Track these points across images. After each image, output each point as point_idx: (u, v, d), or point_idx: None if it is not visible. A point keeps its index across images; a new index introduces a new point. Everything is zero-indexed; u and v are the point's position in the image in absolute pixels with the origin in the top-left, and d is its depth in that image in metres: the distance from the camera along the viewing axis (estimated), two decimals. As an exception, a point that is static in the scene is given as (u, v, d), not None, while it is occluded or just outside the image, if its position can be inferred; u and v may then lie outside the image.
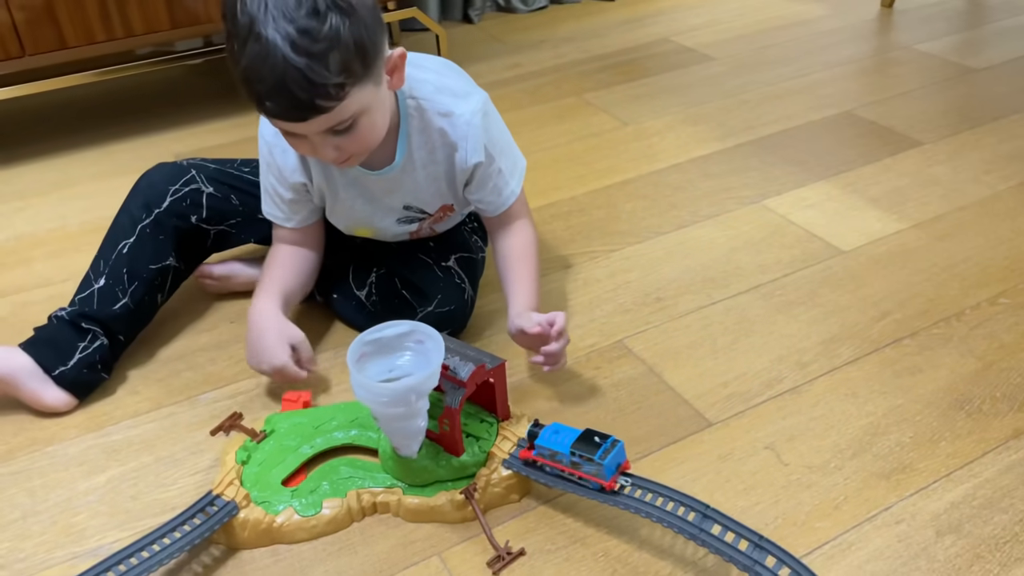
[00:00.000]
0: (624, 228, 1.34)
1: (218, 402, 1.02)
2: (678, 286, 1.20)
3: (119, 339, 1.06)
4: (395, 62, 0.88)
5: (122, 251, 1.06)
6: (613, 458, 0.82)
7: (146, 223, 1.07)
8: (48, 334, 1.02)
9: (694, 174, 1.48)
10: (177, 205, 1.08)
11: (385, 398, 0.79)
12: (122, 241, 1.07)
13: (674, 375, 1.04)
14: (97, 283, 1.05)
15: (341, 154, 0.89)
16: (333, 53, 0.79)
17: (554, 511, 0.87)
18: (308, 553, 0.84)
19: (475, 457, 0.87)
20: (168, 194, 1.08)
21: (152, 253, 1.07)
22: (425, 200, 1.03)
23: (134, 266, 1.06)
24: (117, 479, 0.92)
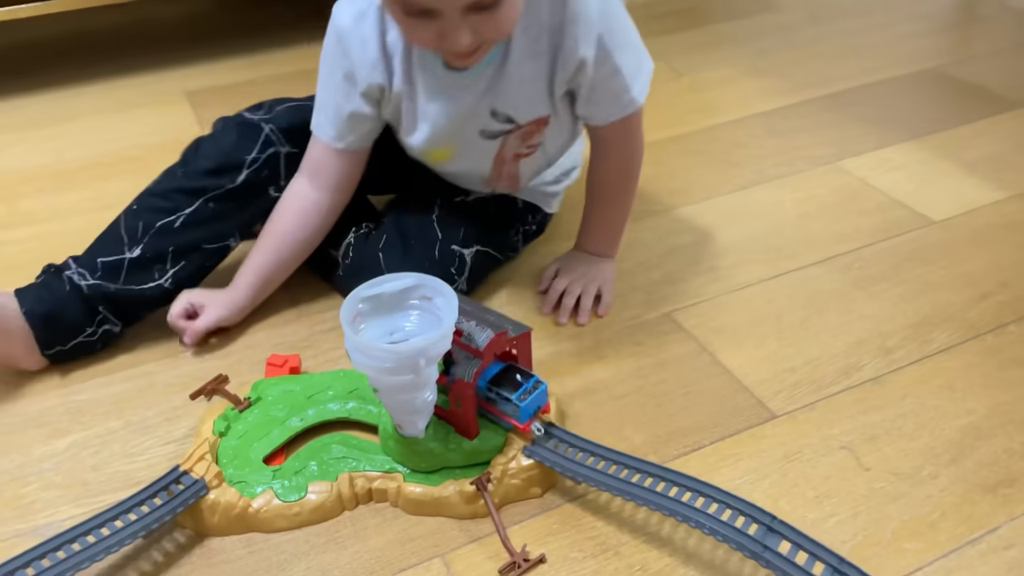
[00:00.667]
0: (676, 186, 1.17)
1: (204, 362, 0.89)
2: (737, 254, 1.04)
3: (136, 318, 0.91)
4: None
5: (174, 224, 0.89)
6: (533, 401, 0.73)
7: (214, 195, 0.90)
8: (54, 302, 0.86)
9: (758, 130, 1.31)
10: (255, 177, 0.91)
11: (387, 363, 0.64)
12: (178, 212, 0.90)
13: (731, 356, 0.88)
14: (131, 252, 0.89)
15: (474, 40, 0.73)
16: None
17: (583, 511, 0.72)
18: (288, 545, 0.70)
19: (490, 442, 0.73)
20: (245, 165, 0.91)
21: (214, 232, 0.91)
22: (517, 105, 0.85)
23: (186, 244, 0.90)
24: (79, 445, 0.80)
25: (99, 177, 1.23)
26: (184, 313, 0.90)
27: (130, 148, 1.31)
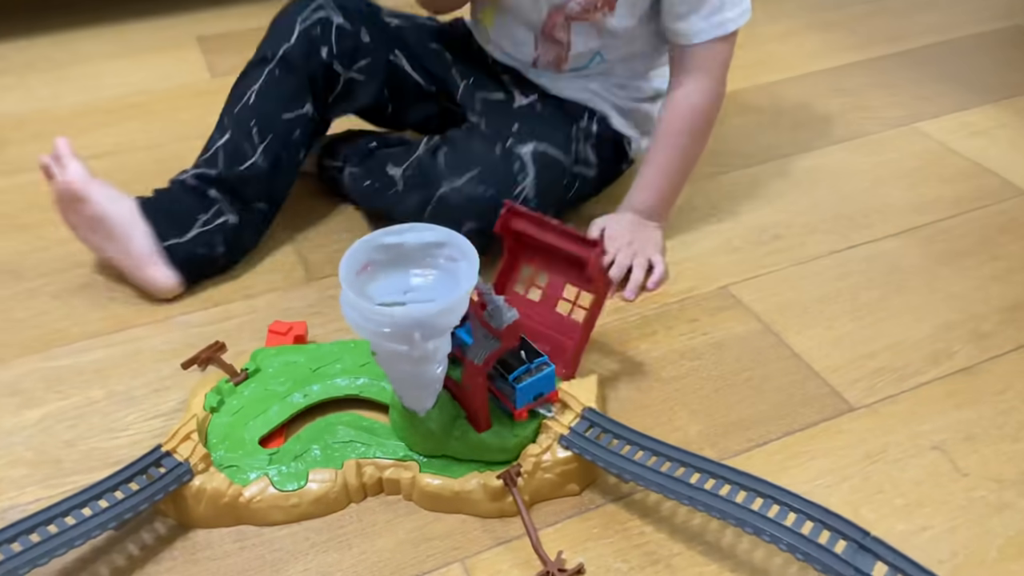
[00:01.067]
0: (732, 147, 1.05)
1: (199, 327, 0.79)
2: (804, 223, 0.92)
3: (256, 208, 0.86)
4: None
5: (248, 100, 0.86)
6: (532, 384, 0.62)
7: (274, 63, 0.86)
8: (164, 199, 0.84)
9: (822, 88, 1.18)
10: (305, 37, 0.86)
11: (385, 328, 0.54)
12: (248, 88, 0.86)
13: (799, 338, 0.77)
14: (220, 140, 0.85)
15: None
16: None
17: (628, 513, 0.62)
18: (285, 541, 0.60)
19: (503, 440, 0.62)
20: (297, 24, 0.87)
21: (284, 98, 0.86)
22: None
23: (264, 116, 0.85)
24: (54, 417, 0.70)
25: (98, 124, 1.13)
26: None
27: (134, 94, 1.20)
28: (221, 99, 0.88)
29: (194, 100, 1.18)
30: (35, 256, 0.89)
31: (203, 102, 1.17)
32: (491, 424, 0.62)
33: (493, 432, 0.62)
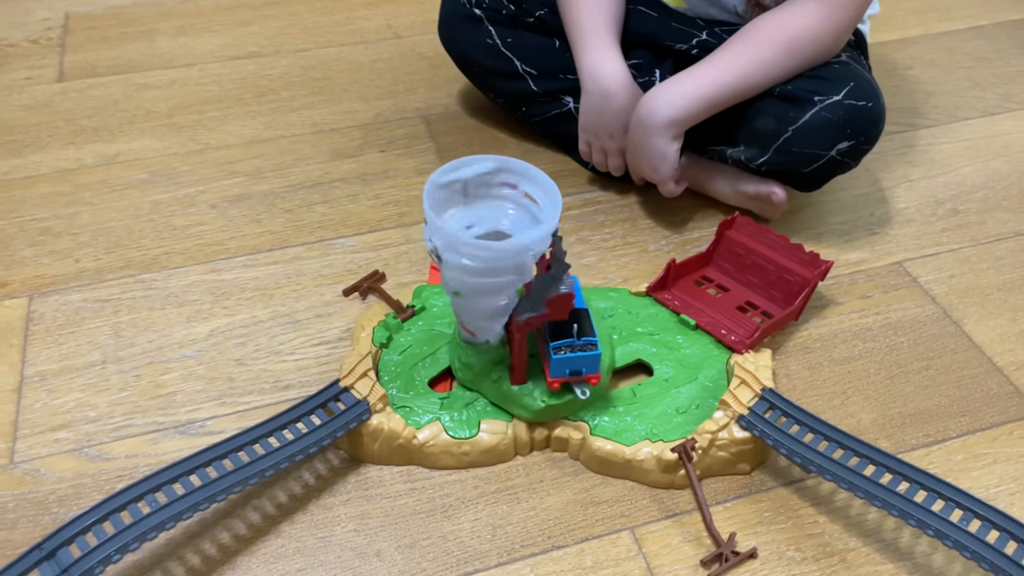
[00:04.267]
0: (904, 103, 0.98)
1: (357, 252, 0.79)
2: (984, 197, 0.86)
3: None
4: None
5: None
6: (570, 360, 0.59)
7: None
8: None
9: (1005, 43, 1.09)
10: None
11: (481, 263, 0.54)
12: None
13: (980, 328, 0.73)
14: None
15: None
16: None
17: (800, 500, 0.61)
18: (455, 487, 0.61)
19: (531, 400, 0.61)
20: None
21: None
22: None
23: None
24: (222, 333, 0.71)
25: (240, 21, 1.11)
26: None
27: (274, -11, 1.17)
28: (360, 2, 0.85)
29: (335, 2, 1.14)
30: (191, 159, 0.89)
31: (344, 5, 1.15)
32: (526, 381, 0.61)
33: (525, 389, 0.61)
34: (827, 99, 0.72)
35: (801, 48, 0.73)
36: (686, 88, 0.74)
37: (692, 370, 0.66)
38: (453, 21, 0.85)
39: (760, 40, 0.74)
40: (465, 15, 0.84)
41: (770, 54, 0.73)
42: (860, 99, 0.72)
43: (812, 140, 0.73)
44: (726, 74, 0.74)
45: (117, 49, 1.05)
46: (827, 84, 0.72)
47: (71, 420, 0.64)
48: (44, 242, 0.79)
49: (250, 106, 0.96)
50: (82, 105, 0.96)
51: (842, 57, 0.76)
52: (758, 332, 0.67)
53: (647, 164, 0.77)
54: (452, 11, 0.85)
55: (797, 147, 0.74)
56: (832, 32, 0.73)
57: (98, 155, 0.89)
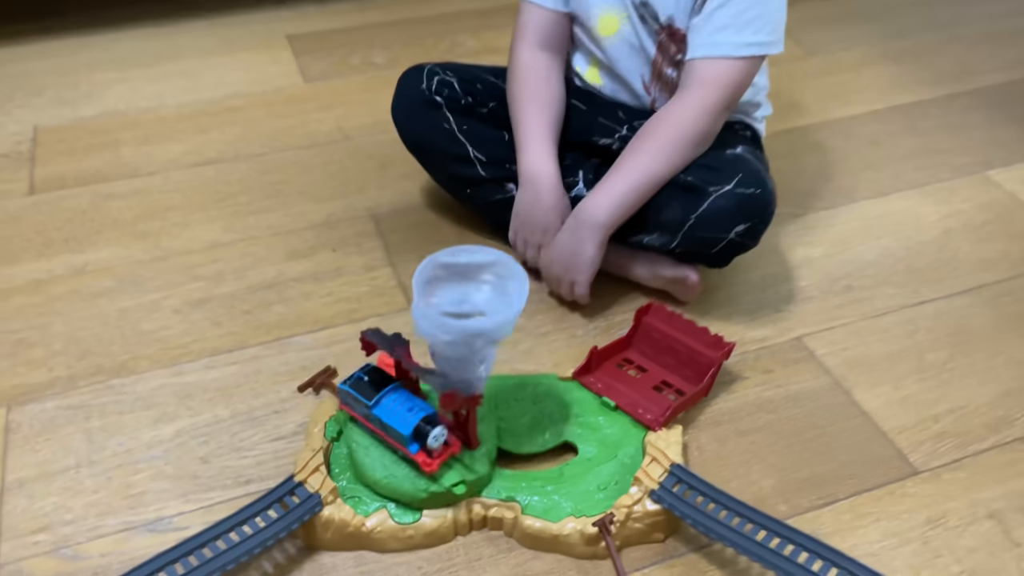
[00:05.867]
0: (807, 187, 1.09)
1: (311, 349, 0.86)
2: (875, 273, 0.96)
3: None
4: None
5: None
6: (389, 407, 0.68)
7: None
8: None
9: (897, 127, 1.21)
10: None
11: (448, 336, 0.62)
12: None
13: (869, 395, 0.82)
14: None
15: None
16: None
17: (708, 563, 0.69)
18: (400, 568, 0.68)
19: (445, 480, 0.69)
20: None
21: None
22: (669, 4, 0.85)
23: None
24: (186, 433, 0.78)
25: (201, 128, 1.19)
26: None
27: (231, 97, 1.26)
28: (314, 106, 0.94)
29: (289, 107, 1.24)
30: (155, 266, 0.96)
31: (298, 110, 1.24)
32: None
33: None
34: (721, 188, 0.82)
35: (691, 138, 0.84)
36: (611, 195, 0.84)
37: (612, 448, 0.74)
38: (412, 105, 0.93)
39: (657, 138, 0.84)
40: (425, 100, 0.92)
41: (668, 149, 0.84)
42: (749, 187, 0.82)
43: (713, 225, 0.82)
44: (638, 176, 0.84)
45: (84, 160, 1.13)
46: (720, 175, 0.83)
47: (49, 523, 0.70)
48: (19, 352, 0.85)
49: (210, 211, 1.04)
50: (52, 217, 1.03)
51: (737, 150, 0.86)
52: (670, 410, 0.76)
53: (572, 267, 0.86)
54: (411, 95, 0.93)
55: (701, 232, 0.83)
56: (712, 119, 0.84)
57: (68, 265, 0.96)
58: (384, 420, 0.68)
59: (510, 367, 0.83)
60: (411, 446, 0.67)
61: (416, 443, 0.67)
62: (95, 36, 1.40)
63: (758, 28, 0.82)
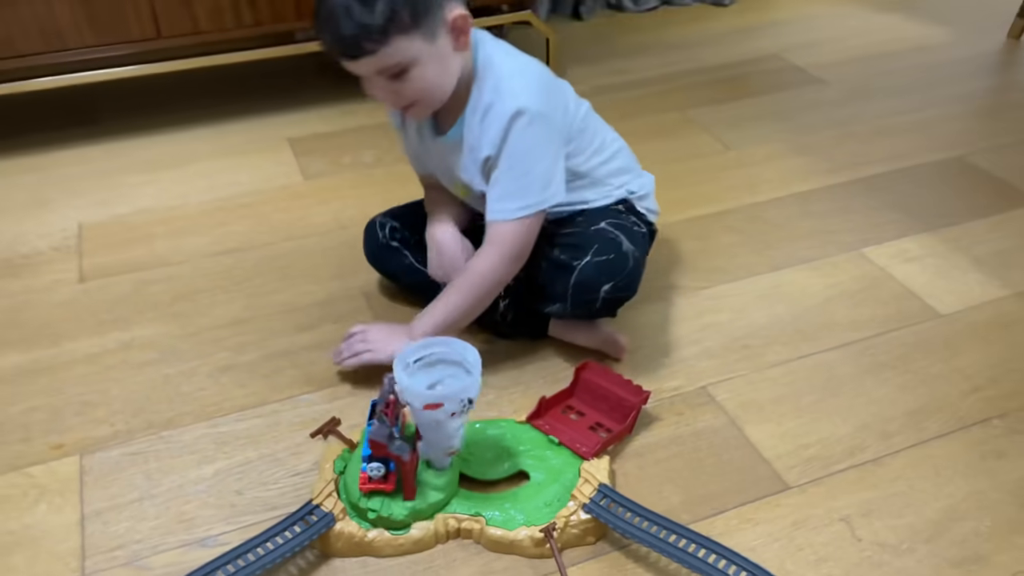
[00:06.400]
0: (718, 264, 1.35)
1: (317, 405, 1.09)
2: (767, 334, 1.21)
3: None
4: (458, 24, 0.95)
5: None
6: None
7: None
8: None
9: (795, 211, 1.48)
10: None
11: (419, 404, 0.86)
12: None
13: (756, 430, 1.06)
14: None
15: (399, 99, 0.98)
16: (379, 2, 0.89)
17: (626, 559, 0.91)
18: (394, 569, 0.90)
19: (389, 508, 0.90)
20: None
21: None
22: (474, 180, 1.06)
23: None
24: (224, 472, 1.00)
25: (220, 222, 1.43)
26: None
27: (244, 194, 1.50)
28: (314, 201, 1.18)
29: (292, 202, 1.48)
30: (189, 340, 1.19)
31: (300, 204, 1.48)
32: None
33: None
34: (582, 261, 1.06)
35: (488, 285, 1.05)
36: (432, 322, 1.05)
37: (556, 474, 0.97)
38: (377, 252, 1.22)
39: (467, 283, 1.05)
40: (385, 246, 1.20)
41: (474, 293, 1.05)
42: (605, 254, 1.05)
43: (585, 290, 1.06)
44: (452, 311, 1.06)
45: (124, 252, 1.36)
46: (580, 250, 1.06)
47: (122, 543, 0.91)
48: (86, 412, 1.07)
49: (232, 292, 1.27)
50: (101, 300, 1.26)
51: (600, 225, 1.08)
52: (600, 445, 0.99)
53: (377, 346, 1.08)
54: (374, 245, 1.21)
55: (579, 297, 1.07)
56: (505, 267, 1.04)
57: (118, 341, 1.18)
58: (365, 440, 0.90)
59: (477, 415, 1.06)
60: (363, 465, 0.90)
61: (364, 464, 0.90)
62: (125, 142, 1.65)
63: (526, 193, 1.01)
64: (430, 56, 0.95)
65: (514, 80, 1.01)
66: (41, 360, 1.15)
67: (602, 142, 1.14)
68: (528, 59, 1.05)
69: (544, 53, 1.90)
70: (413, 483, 0.91)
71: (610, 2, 2.29)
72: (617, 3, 2.28)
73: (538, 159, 1.02)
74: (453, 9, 0.95)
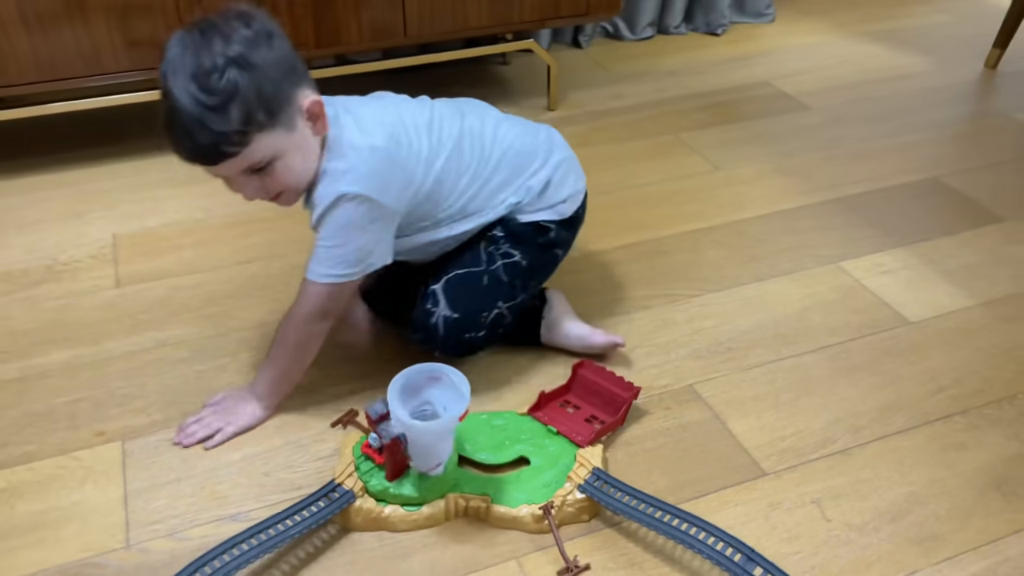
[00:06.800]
0: (706, 275, 1.45)
1: (339, 398, 1.19)
2: (750, 339, 1.31)
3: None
4: (314, 111, 0.98)
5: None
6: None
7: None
8: None
9: (778, 227, 1.58)
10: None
11: (413, 432, 0.96)
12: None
13: (737, 424, 1.16)
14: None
15: (266, 192, 1.02)
16: (233, 104, 0.91)
17: (618, 535, 1.01)
18: (408, 542, 0.99)
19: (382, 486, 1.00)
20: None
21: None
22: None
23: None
24: (252, 457, 1.10)
25: (242, 234, 1.54)
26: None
27: (263, 208, 1.59)
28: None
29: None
30: (218, 340, 1.29)
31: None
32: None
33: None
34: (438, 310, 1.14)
35: (301, 335, 1.10)
36: (266, 379, 1.12)
37: (554, 460, 1.07)
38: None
39: (282, 337, 1.11)
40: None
41: (286, 348, 1.11)
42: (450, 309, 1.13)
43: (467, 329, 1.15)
44: (277, 366, 1.12)
45: (156, 260, 1.47)
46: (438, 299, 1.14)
47: (162, 517, 1.01)
48: (126, 403, 1.17)
49: (256, 298, 1.38)
50: (137, 304, 1.36)
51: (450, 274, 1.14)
52: (594, 434, 1.09)
53: (231, 417, 1.12)
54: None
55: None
56: (306, 325, 1.09)
57: (154, 340, 1.29)
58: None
59: (482, 408, 1.16)
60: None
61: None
62: (152, 159, 1.76)
63: (337, 264, 1.05)
64: (292, 146, 0.97)
65: (349, 159, 1.02)
66: (84, 357, 1.25)
67: (473, 175, 1.13)
68: (378, 132, 1.04)
69: (545, 80, 2.02)
70: (395, 466, 1.00)
71: (608, 30, 2.42)
72: (614, 32, 2.41)
73: (355, 237, 1.04)
74: (306, 96, 0.98)
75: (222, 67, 0.91)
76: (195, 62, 0.91)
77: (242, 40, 0.93)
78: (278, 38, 0.96)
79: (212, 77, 0.91)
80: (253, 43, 0.93)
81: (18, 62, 1.53)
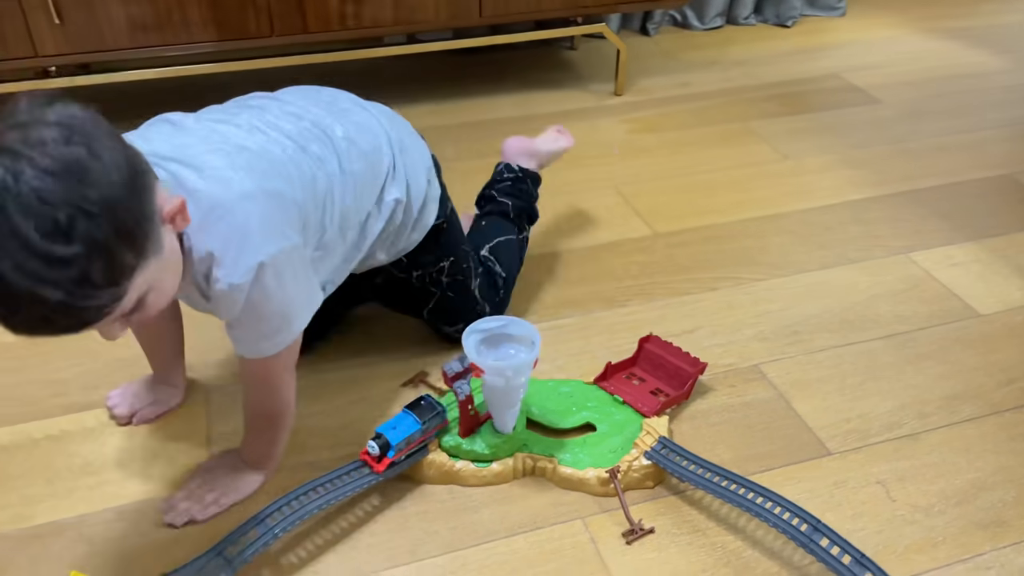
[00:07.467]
0: (772, 260, 1.46)
1: (407, 360, 1.23)
2: (816, 323, 1.32)
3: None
4: (175, 212, 0.77)
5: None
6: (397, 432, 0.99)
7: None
8: None
9: (846, 217, 1.58)
10: None
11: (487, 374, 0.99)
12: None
13: (802, 404, 1.17)
14: None
15: (139, 325, 0.98)
16: (95, 265, 0.66)
17: (681, 502, 1.03)
18: (477, 496, 1.03)
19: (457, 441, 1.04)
20: None
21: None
22: (198, 305, 0.94)
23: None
24: (332, 409, 1.14)
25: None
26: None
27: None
28: None
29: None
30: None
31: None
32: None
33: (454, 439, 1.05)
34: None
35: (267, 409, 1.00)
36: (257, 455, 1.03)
37: (620, 427, 1.09)
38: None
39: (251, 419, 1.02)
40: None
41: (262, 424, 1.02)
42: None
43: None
44: (262, 442, 1.03)
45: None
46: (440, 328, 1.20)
47: (244, 460, 1.06)
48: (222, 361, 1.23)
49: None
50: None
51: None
52: (660, 406, 1.11)
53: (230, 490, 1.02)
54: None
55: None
56: (272, 394, 0.99)
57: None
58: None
59: (550, 376, 1.19)
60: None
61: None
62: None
63: (264, 339, 0.91)
64: (162, 268, 0.76)
65: (229, 222, 0.83)
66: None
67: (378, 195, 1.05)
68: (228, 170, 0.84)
69: (614, 65, 2.03)
70: (468, 423, 1.04)
71: (676, 19, 2.42)
72: (683, 20, 2.41)
73: (290, 293, 0.90)
74: (165, 201, 0.76)
75: (67, 223, 0.64)
76: (24, 224, 0.63)
77: (70, 165, 0.65)
78: (105, 136, 0.69)
79: (56, 242, 0.64)
80: (86, 164, 0.66)
81: (112, 28, 1.60)
